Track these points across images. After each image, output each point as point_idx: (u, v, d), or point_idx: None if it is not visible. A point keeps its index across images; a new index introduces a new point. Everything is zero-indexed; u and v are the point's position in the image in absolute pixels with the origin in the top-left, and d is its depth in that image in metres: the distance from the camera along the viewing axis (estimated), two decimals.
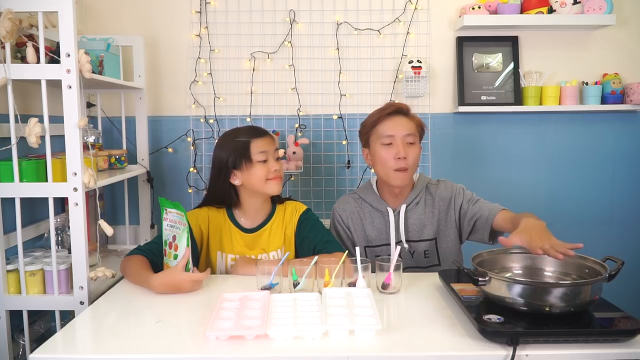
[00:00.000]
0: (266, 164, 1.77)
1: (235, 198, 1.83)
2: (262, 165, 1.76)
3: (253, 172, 1.76)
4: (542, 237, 1.40)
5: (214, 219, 1.84)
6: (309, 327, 1.24)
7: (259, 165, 1.76)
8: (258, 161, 1.76)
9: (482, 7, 2.51)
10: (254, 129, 1.84)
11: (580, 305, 1.26)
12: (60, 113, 1.61)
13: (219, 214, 1.85)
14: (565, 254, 1.33)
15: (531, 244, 1.38)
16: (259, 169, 1.76)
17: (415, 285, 1.60)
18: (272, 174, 1.77)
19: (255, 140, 1.78)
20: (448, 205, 1.90)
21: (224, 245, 1.84)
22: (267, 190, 1.78)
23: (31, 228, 2.01)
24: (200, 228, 1.82)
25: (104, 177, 1.93)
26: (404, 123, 1.84)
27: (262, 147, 1.77)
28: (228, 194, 1.82)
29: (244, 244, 1.84)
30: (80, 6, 2.45)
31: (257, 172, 1.76)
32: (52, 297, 1.72)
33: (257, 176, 1.76)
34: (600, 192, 2.72)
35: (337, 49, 2.57)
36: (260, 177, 1.76)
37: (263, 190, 1.79)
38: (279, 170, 1.79)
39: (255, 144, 1.77)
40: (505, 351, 1.16)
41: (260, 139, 1.79)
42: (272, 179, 1.77)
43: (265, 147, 1.78)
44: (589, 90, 2.59)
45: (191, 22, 2.55)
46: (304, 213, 1.88)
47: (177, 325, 1.33)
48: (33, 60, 1.64)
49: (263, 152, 1.76)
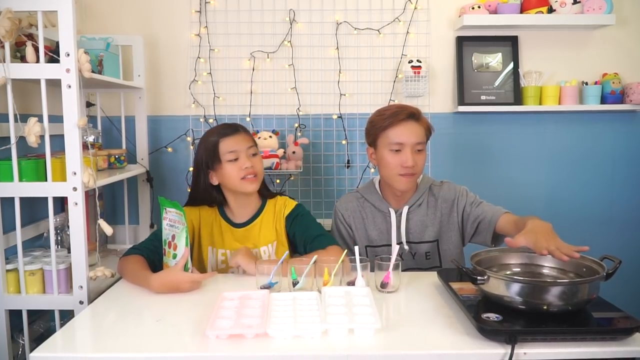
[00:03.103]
0: (237, 162, 1.74)
1: (219, 197, 1.83)
2: (232, 164, 1.74)
3: (225, 172, 1.75)
4: (548, 238, 1.40)
5: (205, 214, 1.85)
6: (309, 326, 1.24)
7: (228, 165, 1.74)
8: (227, 160, 1.74)
9: (482, 7, 2.51)
10: (225, 128, 1.80)
11: (578, 303, 1.26)
12: (60, 112, 1.61)
13: (210, 210, 1.86)
14: (570, 255, 1.33)
15: (537, 244, 1.38)
16: (230, 169, 1.74)
17: (414, 284, 1.61)
18: (244, 172, 1.74)
19: (224, 140, 1.76)
20: (451, 207, 1.89)
21: (215, 241, 1.84)
22: (242, 189, 1.77)
23: (31, 227, 2.01)
24: (192, 224, 1.82)
25: (103, 177, 1.93)
26: (415, 130, 1.79)
27: (230, 146, 1.75)
28: (211, 194, 1.82)
29: (235, 239, 1.84)
30: (80, 5, 2.45)
31: (228, 171, 1.75)
32: (51, 296, 1.72)
33: (228, 176, 1.75)
34: (600, 191, 2.72)
35: (337, 48, 2.57)
36: (232, 177, 1.75)
37: (239, 189, 1.77)
38: (251, 168, 1.75)
39: (223, 144, 1.75)
40: (504, 349, 1.17)
41: (229, 137, 1.76)
42: (245, 178, 1.75)
43: (234, 146, 1.75)
44: (588, 90, 2.59)
45: (191, 21, 2.55)
46: (294, 209, 1.87)
47: (176, 324, 1.33)
48: (32, 60, 1.65)
49: (232, 151, 1.75)
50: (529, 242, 1.40)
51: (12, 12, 1.57)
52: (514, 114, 2.65)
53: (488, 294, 1.33)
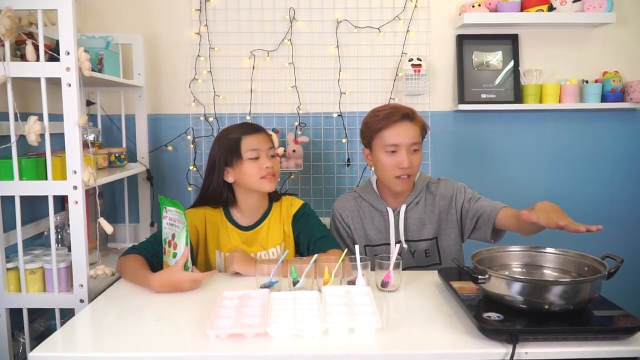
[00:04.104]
0: (257, 161, 1.74)
1: (231, 197, 1.82)
2: (253, 162, 1.74)
3: (244, 170, 1.74)
4: (560, 215, 1.42)
5: (210, 218, 1.84)
6: (309, 325, 1.24)
7: (249, 163, 1.74)
8: (249, 158, 1.74)
9: (482, 5, 2.51)
10: (247, 126, 1.81)
11: (580, 303, 1.26)
12: (60, 111, 1.61)
13: (216, 213, 1.85)
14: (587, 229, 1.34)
15: (549, 220, 1.39)
16: (250, 167, 1.74)
17: (414, 283, 1.61)
18: (264, 172, 1.74)
19: (247, 137, 1.76)
20: (449, 204, 1.89)
21: (222, 244, 1.83)
22: (260, 188, 1.77)
23: (31, 226, 2.01)
24: (196, 227, 1.81)
25: (103, 175, 1.93)
26: (409, 130, 1.79)
27: (253, 144, 1.75)
28: (223, 192, 1.81)
29: (242, 242, 1.83)
30: (80, 4, 2.44)
31: (248, 169, 1.74)
32: (52, 295, 1.72)
33: (248, 174, 1.74)
34: (600, 190, 2.72)
35: (337, 47, 2.57)
36: (252, 175, 1.74)
37: (257, 188, 1.77)
38: (271, 168, 1.75)
39: (246, 141, 1.75)
40: (505, 349, 1.16)
41: (251, 135, 1.76)
42: (264, 177, 1.75)
43: (256, 144, 1.75)
44: (589, 88, 2.58)
45: (191, 20, 2.54)
46: (300, 208, 1.87)
47: (176, 323, 1.33)
48: (32, 58, 1.64)
49: (254, 149, 1.74)
50: (540, 219, 1.40)
51: (12, 11, 1.56)
52: (514, 112, 2.65)
53: (489, 293, 1.32)
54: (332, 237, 1.83)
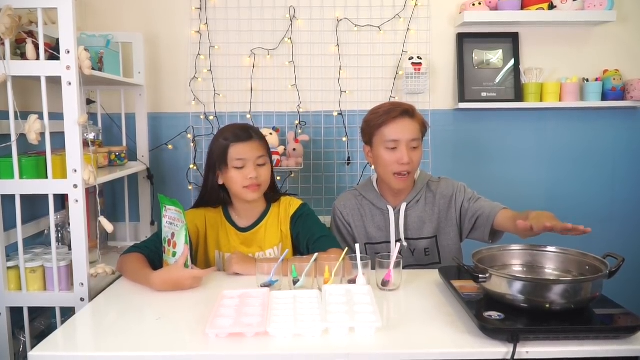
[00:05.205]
0: (242, 170, 1.72)
1: (227, 198, 1.83)
2: (237, 171, 1.72)
3: (229, 177, 1.74)
4: (549, 218, 1.45)
5: (210, 218, 1.84)
6: (309, 325, 1.24)
7: (234, 171, 1.72)
8: (234, 167, 1.72)
9: (483, 4, 2.50)
10: (239, 132, 1.75)
11: (581, 302, 1.26)
12: (60, 110, 1.61)
13: (216, 214, 1.85)
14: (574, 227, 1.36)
15: (539, 224, 1.42)
16: (235, 175, 1.73)
17: (415, 282, 1.60)
18: (248, 182, 1.72)
19: (235, 145, 1.72)
20: (449, 203, 1.89)
21: (221, 245, 1.83)
22: (243, 197, 1.75)
23: (31, 225, 2.00)
24: (197, 227, 1.81)
25: (104, 174, 1.93)
26: (409, 127, 1.80)
27: (240, 153, 1.72)
28: (218, 193, 1.81)
29: (240, 243, 1.83)
30: (80, 3, 2.44)
31: (232, 177, 1.73)
32: (52, 293, 1.72)
33: (232, 181, 1.74)
34: (601, 188, 2.72)
35: (337, 45, 2.57)
36: (235, 183, 1.73)
37: (239, 196, 1.77)
38: (255, 179, 1.72)
39: (233, 149, 1.72)
40: (506, 348, 1.16)
41: (240, 144, 1.72)
42: (248, 187, 1.73)
43: (243, 154, 1.72)
44: (589, 87, 2.58)
45: (191, 18, 2.54)
46: (299, 209, 1.86)
47: (177, 322, 1.33)
48: (33, 57, 1.64)
49: (240, 159, 1.72)
50: (533, 225, 1.43)
51: (12, 10, 1.56)
52: (514, 111, 2.64)
53: (490, 292, 1.32)
54: (332, 236, 1.83)
